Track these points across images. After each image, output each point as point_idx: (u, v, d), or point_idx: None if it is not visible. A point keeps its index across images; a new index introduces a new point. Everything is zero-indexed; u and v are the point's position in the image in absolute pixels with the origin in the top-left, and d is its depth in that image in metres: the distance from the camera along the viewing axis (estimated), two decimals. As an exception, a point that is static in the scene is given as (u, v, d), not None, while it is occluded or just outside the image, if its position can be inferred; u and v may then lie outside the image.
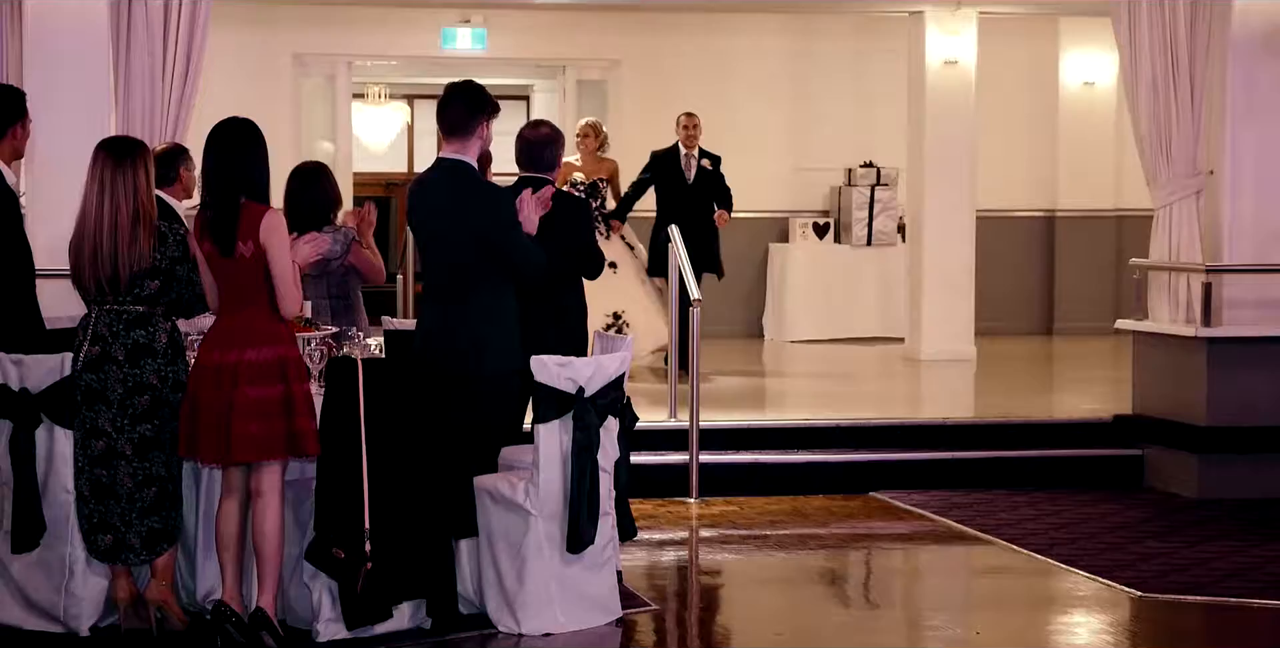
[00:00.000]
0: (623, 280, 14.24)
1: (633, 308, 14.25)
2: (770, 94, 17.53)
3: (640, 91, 17.49)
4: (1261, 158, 11.44)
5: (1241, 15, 11.38)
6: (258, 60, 16.67)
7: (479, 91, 7.91)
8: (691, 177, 14.61)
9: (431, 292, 8.00)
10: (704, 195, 14.55)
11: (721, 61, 17.42)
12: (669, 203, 14.49)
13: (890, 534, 10.16)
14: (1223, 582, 8.76)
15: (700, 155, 14.65)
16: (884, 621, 8.46)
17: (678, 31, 17.24)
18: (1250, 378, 11.05)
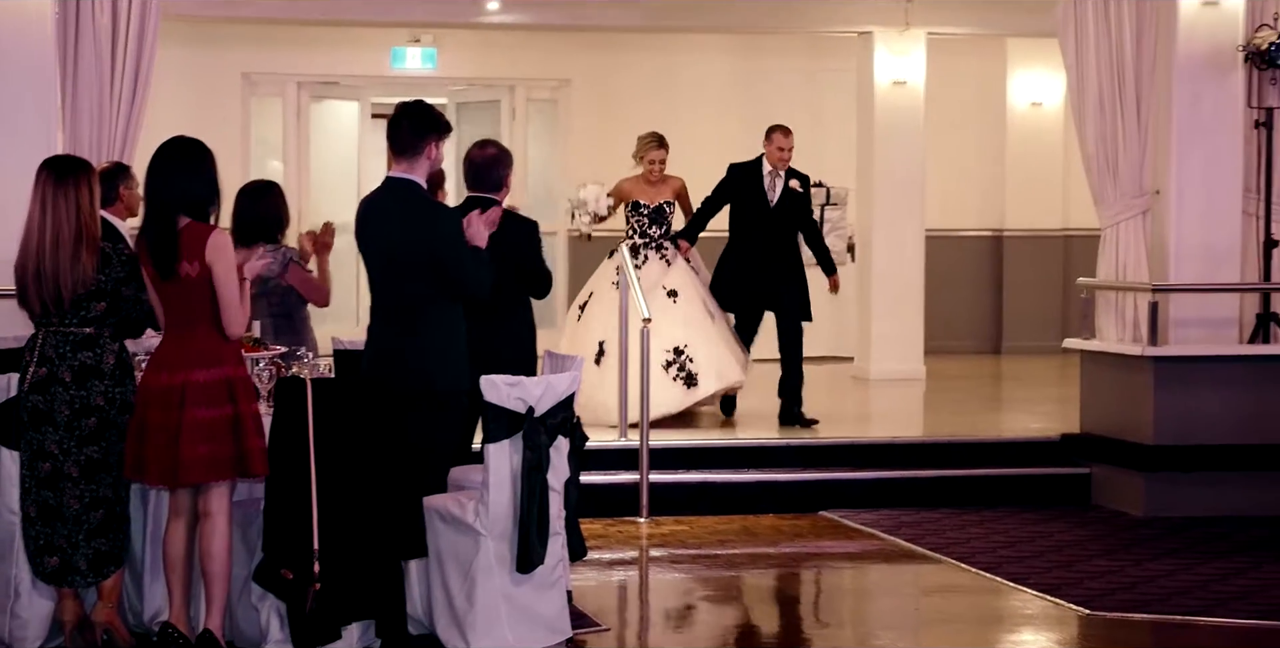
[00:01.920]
0: (685, 311, 12.43)
1: (697, 342, 12.36)
2: (719, 113, 17.55)
3: (590, 111, 17.50)
4: (1207, 178, 11.52)
5: (1187, 36, 11.46)
6: (207, 79, 16.62)
7: (429, 112, 7.91)
8: (775, 198, 12.59)
9: (379, 311, 7.98)
10: (789, 223, 12.62)
11: (671, 80, 17.45)
12: (745, 228, 12.63)
13: (839, 553, 10.17)
14: (1169, 600, 8.79)
15: (789, 175, 12.67)
16: (833, 639, 8.46)
17: (627, 51, 17.26)
18: (1196, 397, 11.11)
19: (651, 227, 12.59)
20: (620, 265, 12.03)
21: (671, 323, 12.17)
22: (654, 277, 12.37)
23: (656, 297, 12.12)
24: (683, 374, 12.19)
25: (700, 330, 12.35)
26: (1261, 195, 11.77)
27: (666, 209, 12.67)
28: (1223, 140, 11.54)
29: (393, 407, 7.58)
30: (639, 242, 12.55)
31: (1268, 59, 11.42)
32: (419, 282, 7.78)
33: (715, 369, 12.27)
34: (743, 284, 12.55)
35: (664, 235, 12.61)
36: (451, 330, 7.84)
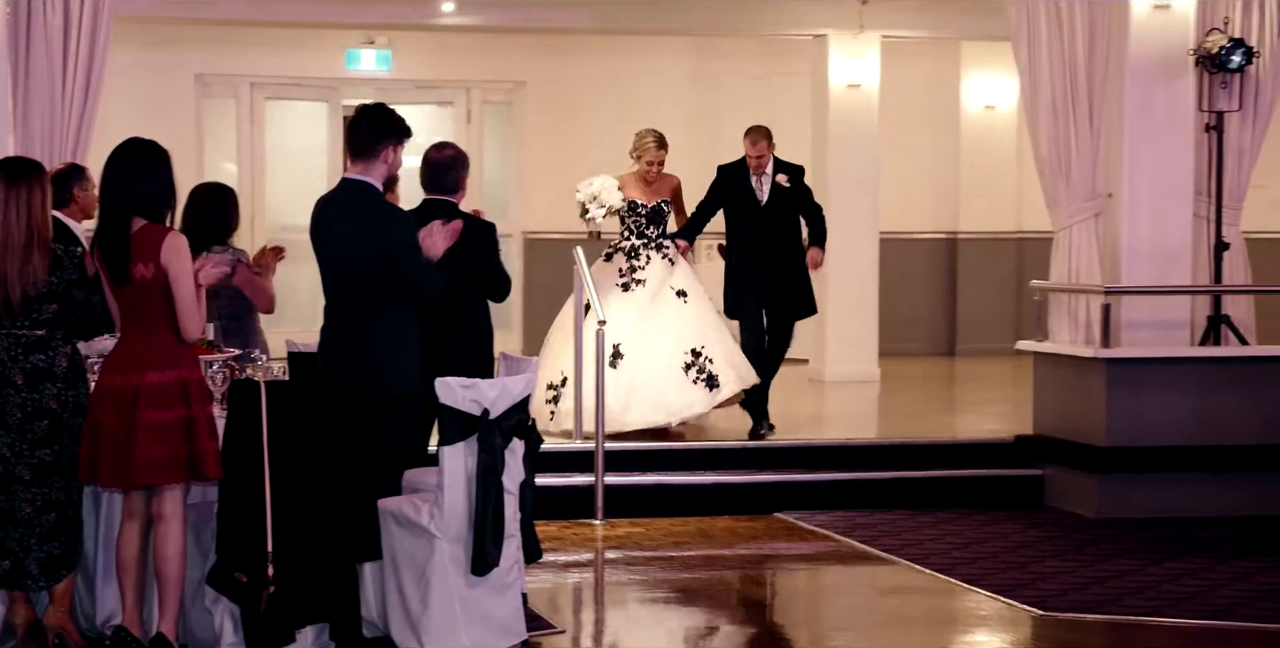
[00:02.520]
0: (697, 311, 12.08)
1: (713, 342, 11.95)
2: (674, 115, 17.50)
3: (545, 113, 17.51)
4: (1158, 180, 11.58)
5: (1138, 41, 11.53)
6: (160, 81, 16.56)
7: (388, 115, 7.88)
8: (765, 197, 12.27)
9: (332, 313, 7.95)
10: (784, 219, 12.28)
11: (625, 83, 17.46)
12: (739, 229, 12.31)
13: (795, 555, 10.19)
14: (1122, 600, 8.83)
15: (776, 169, 12.34)
16: (788, 640, 8.48)
17: (582, 53, 17.26)
18: (1148, 398, 11.16)
19: (649, 227, 12.24)
20: (619, 267, 12.11)
21: (685, 324, 11.93)
22: (660, 276, 12.10)
23: (666, 297, 12.00)
24: (703, 376, 11.80)
25: (715, 330, 12.04)
26: (1212, 198, 11.85)
27: (664, 208, 12.29)
28: (1174, 143, 11.60)
29: (346, 409, 7.57)
30: (636, 242, 12.22)
31: (1218, 63, 11.49)
32: (371, 284, 7.75)
33: (735, 369, 11.89)
34: (747, 289, 12.13)
35: (662, 235, 12.26)
36: (404, 333, 7.82)
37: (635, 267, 12.05)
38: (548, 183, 17.44)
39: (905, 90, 16.98)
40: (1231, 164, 11.90)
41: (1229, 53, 11.47)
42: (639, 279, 12.02)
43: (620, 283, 12.01)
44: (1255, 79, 11.80)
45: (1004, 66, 15.85)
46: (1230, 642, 8.15)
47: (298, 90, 17.53)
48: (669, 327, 11.78)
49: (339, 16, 14.98)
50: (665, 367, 11.75)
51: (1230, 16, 11.72)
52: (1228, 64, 11.49)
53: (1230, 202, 11.91)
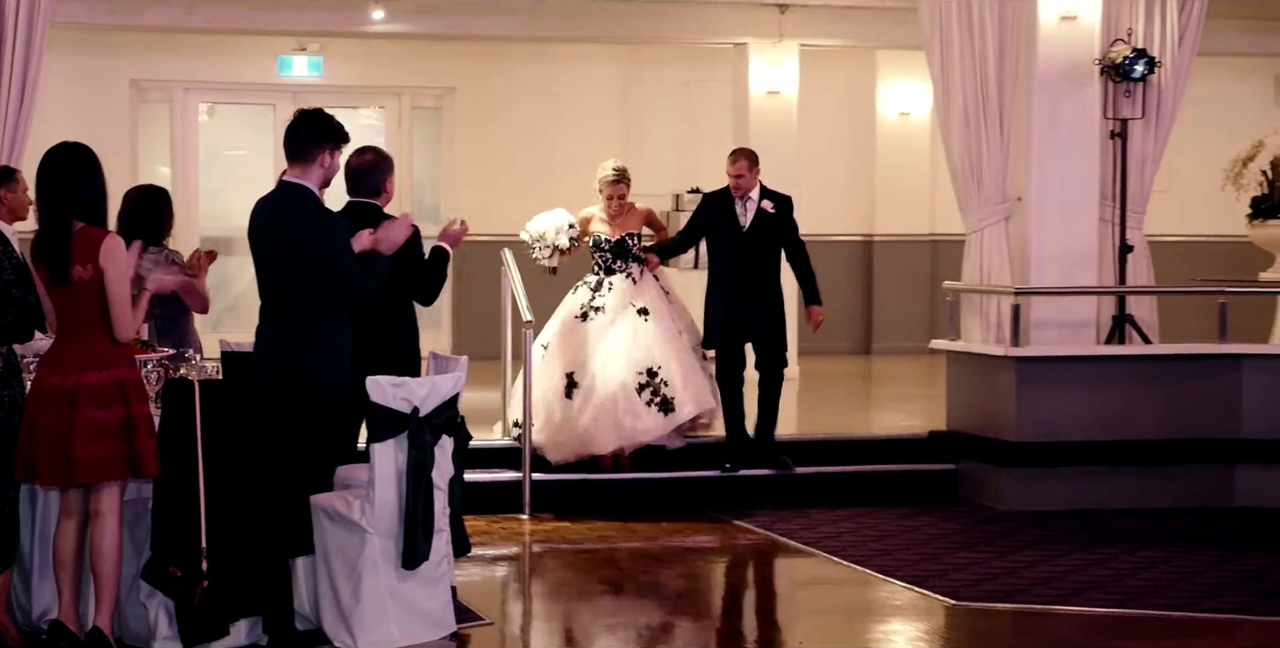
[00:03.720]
0: (656, 329, 11.29)
1: (670, 363, 11.21)
2: (600, 121, 17.59)
3: (474, 118, 17.49)
4: (1065, 185, 11.66)
5: (1046, 51, 11.61)
6: (95, 86, 16.48)
7: (326, 121, 7.86)
8: (748, 222, 11.39)
9: (266, 313, 7.92)
10: (766, 247, 11.40)
11: (552, 89, 17.47)
12: (721, 256, 11.48)
13: (716, 548, 10.21)
14: (1031, 590, 8.88)
15: (763, 196, 11.47)
16: (710, 631, 8.49)
17: (510, 60, 17.26)
18: (1056, 395, 11.23)
19: (616, 261, 11.48)
20: (581, 300, 11.42)
21: (643, 343, 11.19)
22: (621, 298, 11.37)
23: (626, 316, 11.28)
24: (658, 399, 11.09)
25: (674, 350, 11.25)
26: (1117, 202, 11.94)
27: (629, 242, 11.49)
28: (1080, 150, 11.69)
29: (278, 408, 7.55)
30: (604, 278, 11.50)
31: (1122, 72, 11.58)
32: (303, 286, 7.73)
33: (691, 392, 11.19)
34: (723, 317, 11.40)
35: (628, 264, 11.50)
36: (335, 334, 7.79)
37: (596, 296, 11.45)
38: (476, 186, 17.44)
39: (823, 97, 17.05)
40: (1135, 170, 11.99)
41: (1132, 63, 11.56)
42: (597, 306, 11.37)
43: (579, 314, 11.40)
44: (1157, 88, 11.90)
45: (918, 75, 15.95)
46: (1135, 629, 8.22)
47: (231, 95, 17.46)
48: (625, 346, 11.18)
49: (271, 24, 14.92)
50: (620, 388, 11.10)
51: (1133, 27, 11.82)
52: (1131, 73, 11.58)
53: (1134, 206, 12.01)
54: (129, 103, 16.88)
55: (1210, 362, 11.52)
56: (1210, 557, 9.77)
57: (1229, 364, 11.52)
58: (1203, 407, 11.40)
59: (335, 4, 14.64)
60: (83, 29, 14.98)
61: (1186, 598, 8.76)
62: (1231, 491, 11.43)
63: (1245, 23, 15.37)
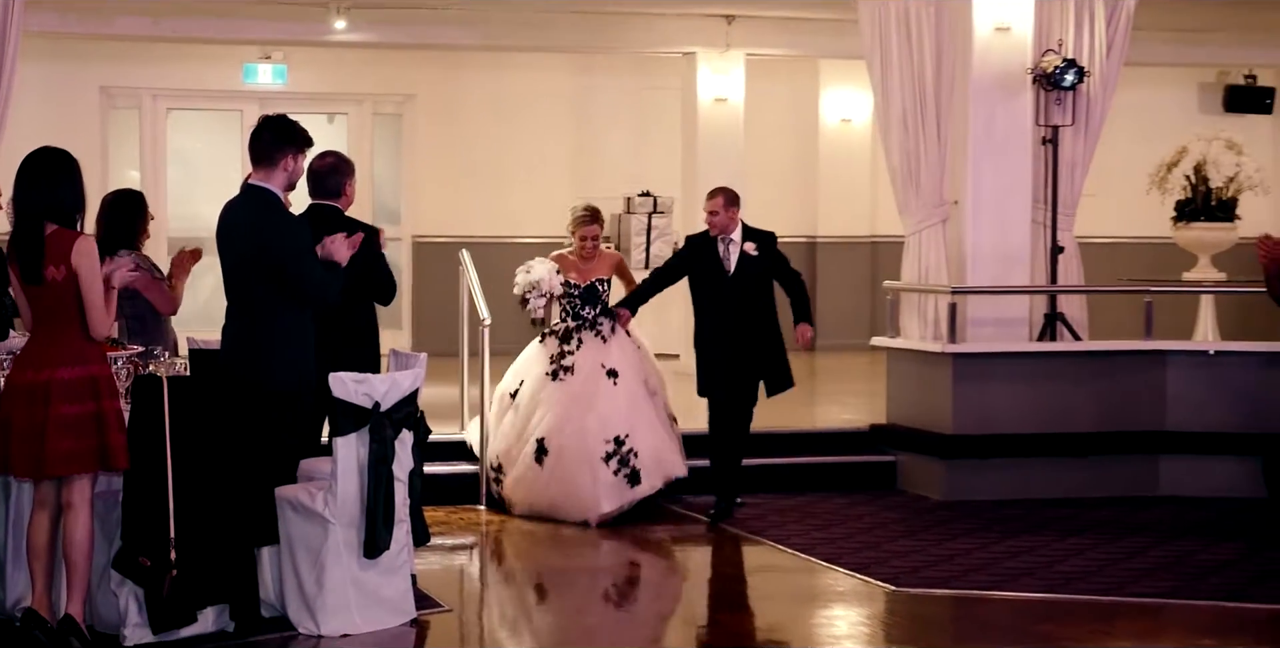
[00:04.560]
0: (626, 393, 10.52)
1: (640, 430, 10.43)
2: (554, 127, 17.58)
3: (432, 124, 17.46)
4: (999, 189, 11.71)
5: (981, 61, 11.65)
6: (67, 93, 16.40)
7: (289, 126, 7.87)
8: (732, 266, 10.49)
9: (231, 312, 7.92)
10: (754, 290, 10.49)
11: (508, 96, 17.44)
12: (705, 302, 10.60)
13: (667, 537, 10.22)
14: (967, 576, 8.92)
15: (745, 236, 10.59)
16: (660, 617, 8.50)
17: (467, 68, 17.24)
18: (991, 390, 11.28)
19: (584, 307, 10.67)
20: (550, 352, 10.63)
21: (613, 407, 10.39)
22: (592, 357, 10.58)
23: (597, 378, 10.50)
24: (625, 470, 10.29)
25: (643, 416, 10.48)
26: (1048, 205, 11.99)
27: (599, 288, 10.70)
28: (1014, 155, 11.74)
29: (244, 403, 7.53)
30: (571, 324, 10.69)
31: (1053, 81, 11.63)
32: (265, 286, 7.73)
33: (657, 462, 10.42)
34: (714, 366, 10.58)
35: (600, 314, 10.70)
36: (296, 332, 7.78)
37: (565, 351, 10.59)
38: (435, 190, 17.42)
39: (768, 104, 17.07)
40: (1065, 175, 12.04)
41: (1063, 72, 11.61)
42: (567, 366, 10.53)
43: (550, 370, 10.57)
44: (1087, 96, 11.96)
45: (859, 83, 15.96)
46: (1066, 614, 8.24)
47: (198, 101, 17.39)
48: (593, 413, 10.36)
49: (237, 33, 14.91)
50: (586, 457, 10.30)
51: (1064, 39, 11.87)
52: (1062, 82, 11.63)
53: (1064, 209, 12.06)
54: (99, 109, 16.79)
55: (1137, 357, 11.59)
56: (1136, 544, 9.83)
57: (1154, 360, 11.58)
58: (1129, 400, 11.46)
59: (299, 14, 14.60)
60: (55, 38, 14.94)
61: (1114, 583, 8.81)
62: (1156, 480, 11.50)
63: (1170, 35, 15.45)
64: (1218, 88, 18.66)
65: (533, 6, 14.80)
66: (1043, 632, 7.92)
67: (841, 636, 8.07)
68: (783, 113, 17.81)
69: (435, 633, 7.86)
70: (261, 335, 7.73)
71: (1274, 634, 8.14)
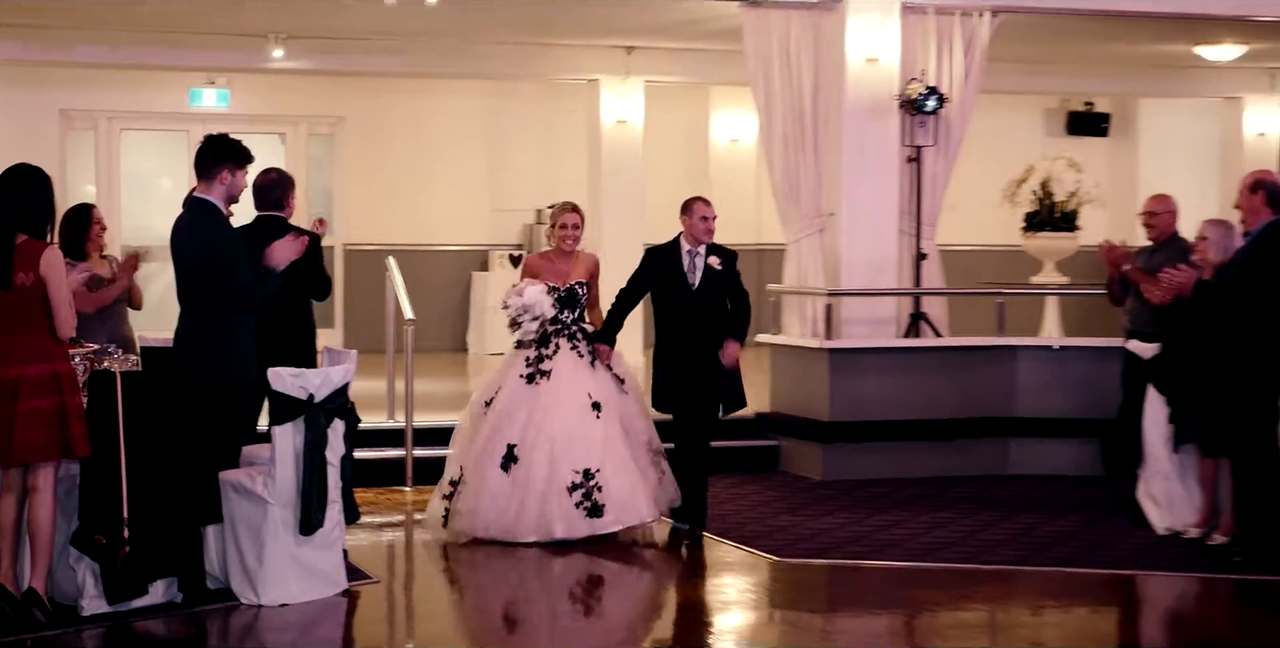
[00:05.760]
0: (605, 430, 9.10)
1: (611, 468, 9.01)
2: (471, 146, 17.53)
3: (361, 143, 17.36)
4: (870, 202, 11.78)
5: (853, 88, 11.72)
6: (28, 115, 16.21)
7: (228, 143, 7.83)
8: (697, 280, 9.49)
9: (182, 312, 7.87)
10: (716, 305, 9.48)
11: (430, 118, 17.37)
12: (669, 318, 9.50)
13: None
14: (842, 547, 8.96)
15: (708, 251, 9.59)
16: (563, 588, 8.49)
17: (393, 93, 17.15)
18: (863, 381, 11.33)
19: (564, 311, 9.30)
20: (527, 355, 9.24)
21: (589, 440, 9.03)
22: (571, 372, 9.22)
23: (578, 406, 9.12)
24: (587, 503, 8.95)
25: (616, 455, 9.07)
26: (913, 217, 12.06)
27: (579, 291, 9.38)
28: (882, 172, 11.81)
29: (190, 395, 7.48)
30: (550, 328, 9.29)
31: (917, 106, 11.72)
32: (207, 289, 7.70)
33: (622, 504, 9.00)
34: (675, 382, 9.50)
35: (577, 321, 9.37)
36: (238, 331, 7.73)
37: (543, 356, 9.22)
38: (364, 202, 17.34)
39: (664, 126, 17.08)
40: (928, 189, 12.12)
41: (925, 98, 11.69)
42: (544, 371, 9.17)
43: (525, 374, 9.18)
44: (947, 120, 12.04)
45: (746, 107, 16.01)
46: (929, 580, 8.31)
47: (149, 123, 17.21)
48: (569, 438, 9.01)
49: (184, 60, 14.81)
50: (552, 481, 8.99)
51: (926, 68, 11.95)
52: (924, 107, 11.72)
53: (927, 220, 12.14)
54: (58, 130, 16.59)
55: (990, 352, 11.68)
56: (990, 517, 9.91)
57: (1006, 354, 11.68)
58: (984, 390, 11.54)
59: (241, 43, 14.49)
60: (18, 65, 14.82)
61: (972, 552, 8.88)
62: (1007, 461, 11.60)
63: (1020, 66, 15.60)
64: (1060, 113, 18.85)
65: (452, 38, 14.75)
66: (909, 597, 7.98)
67: (730, 602, 8.10)
68: (677, 133, 17.83)
69: (365, 602, 7.82)
70: (206, 334, 7.69)
71: (1109, 596, 8.25)
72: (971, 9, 12.05)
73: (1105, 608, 8.11)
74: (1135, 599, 8.30)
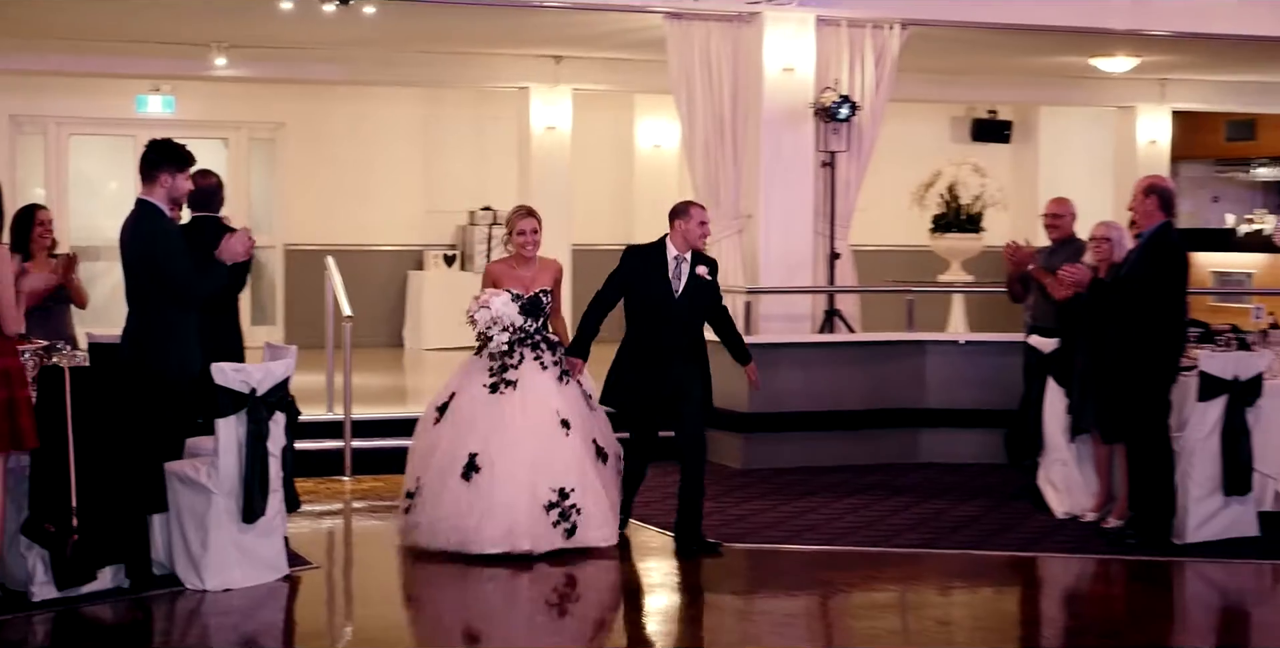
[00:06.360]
0: (576, 448, 8.38)
1: (584, 487, 8.34)
2: (407, 150, 17.43)
3: (301, 148, 17.23)
4: (786, 205, 11.82)
5: (770, 96, 11.76)
6: (-21, 121, 16.02)
7: (169, 147, 7.80)
8: (680, 288, 8.55)
9: (129, 309, 7.82)
10: (695, 317, 8.59)
11: (367, 124, 17.27)
12: (644, 323, 8.56)
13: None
14: (761, 532, 8.99)
15: (694, 260, 8.59)
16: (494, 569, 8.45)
17: (332, 99, 17.03)
18: (780, 374, 11.33)
19: (526, 319, 8.53)
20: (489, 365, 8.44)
21: (562, 459, 8.32)
22: (535, 384, 8.45)
23: (546, 422, 8.38)
24: (566, 523, 8.30)
25: (586, 474, 8.39)
26: (827, 219, 12.12)
27: (543, 299, 8.60)
28: (798, 176, 11.85)
29: (136, 389, 7.41)
30: (512, 337, 8.52)
31: (830, 114, 11.77)
32: (148, 286, 7.65)
33: (597, 525, 8.41)
34: (642, 389, 8.57)
35: (540, 329, 8.60)
36: (180, 326, 7.67)
37: (507, 365, 8.44)
38: (303, 205, 17.21)
39: (591, 131, 17.06)
40: (841, 193, 12.18)
41: (839, 106, 11.75)
42: (509, 381, 8.40)
43: (489, 383, 8.42)
44: (859, 127, 12.10)
45: (669, 114, 16.02)
46: (843, 562, 8.34)
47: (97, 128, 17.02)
48: (542, 456, 8.28)
49: (131, 68, 14.72)
50: (523, 498, 8.24)
51: (840, 78, 12.01)
52: (837, 115, 11.77)
53: (841, 221, 12.20)
54: (8, 135, 16.37)
55: (901, 347, 11.75)
56: (900, 503, 9.97)
57: (915, 349, 11.75)
58: (895, 383, 11.60)
59: (185, 52, 14.38)
60: (-32, 72, 14.59)
61: (882, 536, 8.93)
62: (916, 450, 11.67)
63: (928, 76, 15.70)
64: (966, 121, 18.98)
65: (387, 46, 14.68)
66: (824, 578, 8.01)
67: (655, 585, 8.11)
68: (604, 139, 17.81)
69: (306, 587, 7.78)
70: (151, 329, 7.65)
71: (1011, 576, 8.32)
72: (882, 22, 12.12)
73: (1008, 588, 8.17)
74: (1037, 580, 8.37)
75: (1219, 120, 19.20)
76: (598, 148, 17.62)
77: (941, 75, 16.23)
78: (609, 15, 12.42)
